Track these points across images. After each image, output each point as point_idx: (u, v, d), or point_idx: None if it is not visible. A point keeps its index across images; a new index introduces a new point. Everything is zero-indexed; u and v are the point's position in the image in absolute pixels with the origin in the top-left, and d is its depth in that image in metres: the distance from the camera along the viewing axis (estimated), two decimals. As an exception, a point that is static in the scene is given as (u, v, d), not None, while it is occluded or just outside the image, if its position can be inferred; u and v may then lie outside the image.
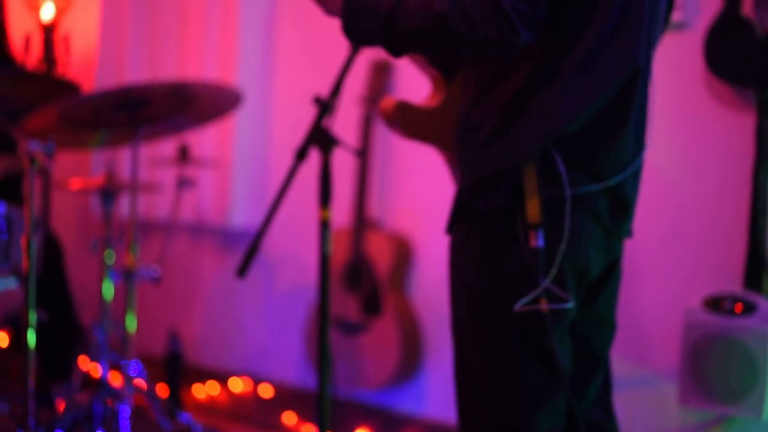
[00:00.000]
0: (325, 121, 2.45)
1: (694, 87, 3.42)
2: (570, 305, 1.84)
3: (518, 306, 1.81)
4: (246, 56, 4.61)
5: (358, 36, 1.87)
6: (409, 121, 2.05)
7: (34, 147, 2.78)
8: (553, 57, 1.81)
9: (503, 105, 1.83)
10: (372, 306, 4.03)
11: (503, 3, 1.68)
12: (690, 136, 3.45)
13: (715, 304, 3.15)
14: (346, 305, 4.06)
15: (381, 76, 4.02)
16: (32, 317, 2.44)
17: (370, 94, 4.03)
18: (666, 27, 2.04)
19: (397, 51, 1.86)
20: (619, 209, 1.93)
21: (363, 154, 3.96)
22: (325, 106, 2.42)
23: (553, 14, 1.77)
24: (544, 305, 1.80)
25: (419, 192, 4.12)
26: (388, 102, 2.04)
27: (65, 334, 4.22)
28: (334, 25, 1.92)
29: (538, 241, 1.80)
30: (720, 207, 3.37)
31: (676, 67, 3.39)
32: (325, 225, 2.48)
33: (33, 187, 2.75)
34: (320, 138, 2.42)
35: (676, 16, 3.37)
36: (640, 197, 1.99)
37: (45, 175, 4.54)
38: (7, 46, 4.21)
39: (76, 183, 3.84)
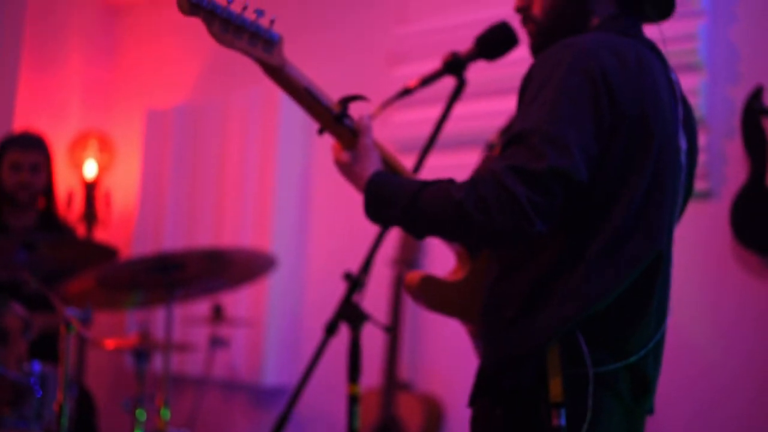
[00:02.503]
0: (355, 297, 2.49)
1: (722, 255, 3.44)
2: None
3: (539, 487, 1.80)
4: (280, 223, 4.74)
5: (379, 220, 1.94)
6: (434, 296, 2.06)
7: (72, 313, 2.85)
8: (578, 241, 1.84)
9: (529, 285, 1.86)
10: (402, 469, 3.99)
11: (518, 194, 1.71)
12: (719, 304, 3.45)
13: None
14: (376, 468, 4.03)
15: (412, 239, 4.07)
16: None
17: (401, 256, 4.08)
18: (684, 209, 2.08)
19: (418, 235, 1.91)
20: (640, 386, 1.92)
21: (393, 329, 3.99)
22: (356, 283, 2.47)
23: (577, 200, 1.80)
24: (565, 486, 1.79)
25: (450, 354, 4.12)
26: (413, 276, 2.06)
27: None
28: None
29: (560, 420, 1.80)
30: (750, 375, 3.35)
31: (703, 235, 3.42)
32: (353, 400, 2.50)
33: (68, 350, 2.81)
34: (350, 314, 2.46)
35: (702, 185, 3.43)
36: (670, 364, 1.99)
37: (81, 337, 4.60)
38: (54, 206, 4.35)
39: (110, 343, 3.90)
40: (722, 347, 3.43)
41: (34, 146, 4.16)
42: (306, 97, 1.94)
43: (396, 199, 1.87)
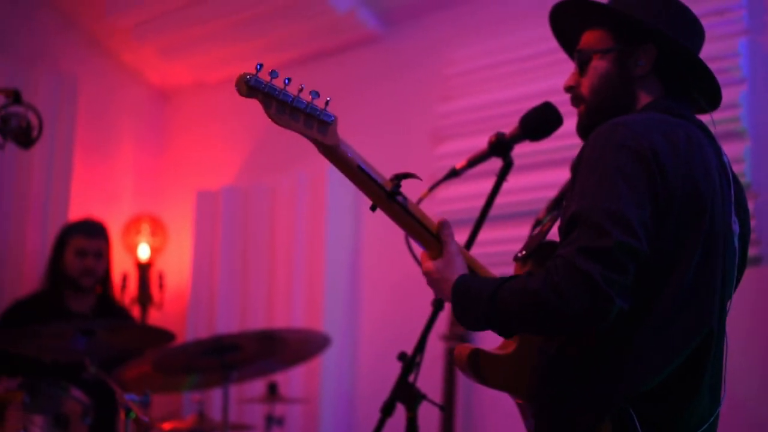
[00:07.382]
0: (410, 377, 2.50)
1: (774, 321, 3.42)
2: None
3: None
4: (332, 301, 4.79)
5: (467, 324, 1.96)
6: (483, 370, 2.06)
7: (131, 398, 2.90)
8: (630, 317, 1.83)
9: (580, 361, 1.87)
10: None
11: (592, 272, 1.72)
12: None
13: None
14: None
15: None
16: None
17: (452, 330, 4.09)
18: (737, 286, 2.07)
19: (506, 333, 1.93)
20: None
21: (447, 408, 3.97)
22: (410, 363, 2.48)
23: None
24: None
25: (503, 429, 4.10)
26: (462, 350, 2.07)
27: None
28: (416, 274, 1.97)
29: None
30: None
31: (754, 301, 3.40)
32: (411, 483, 2.49)
33: (128, 434, 2.85)
34: (406, 395, 2.46)
35: (752, 251, 3.41)
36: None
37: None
38: (111, 290, 4.46)
39: (168, 425, 3.92)
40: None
41: (98, 234, 4.34)
42: (359, 174, 1.96)
43: (478, 302, 1.89)
